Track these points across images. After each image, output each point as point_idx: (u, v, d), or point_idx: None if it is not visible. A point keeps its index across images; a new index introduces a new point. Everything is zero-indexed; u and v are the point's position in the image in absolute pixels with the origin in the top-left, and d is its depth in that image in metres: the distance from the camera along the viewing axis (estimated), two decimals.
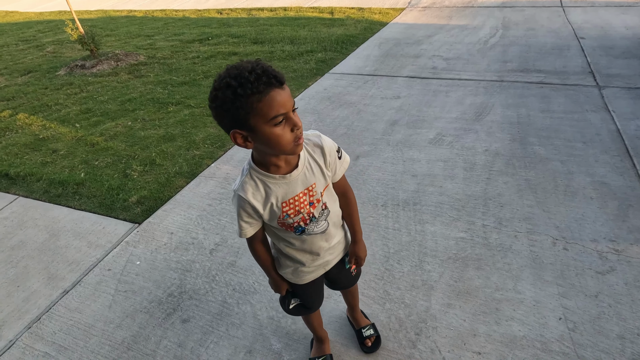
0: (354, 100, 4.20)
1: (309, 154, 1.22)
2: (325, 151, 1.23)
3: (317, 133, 1.25)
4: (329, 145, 1.24)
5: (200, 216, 2.70)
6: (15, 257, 2.55)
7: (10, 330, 2.08)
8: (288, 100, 1.02)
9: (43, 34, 8.70)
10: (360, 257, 1.50)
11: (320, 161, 1.23)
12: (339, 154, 1.28)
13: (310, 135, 1.24)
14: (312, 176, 1.22)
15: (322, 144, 1.23)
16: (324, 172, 1.24)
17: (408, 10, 8.06)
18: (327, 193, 1.29)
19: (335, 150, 1.27)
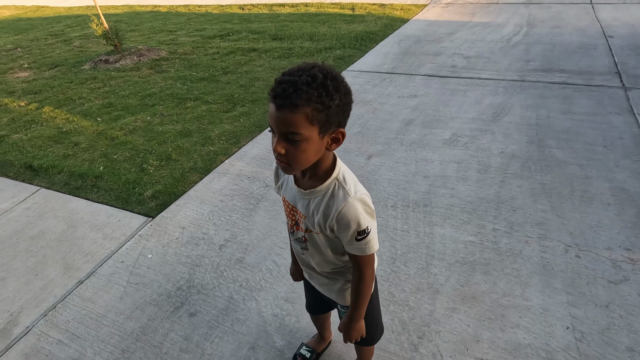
0: (370, 98, 4.17)
1: (326, 198, 1.08)
2: (332, 214, 1.07)
3: (352, 192, 1.06)
4: (345, 216, 1.05)
5: (212, 212, 2.74)
6: (35, 247, 2.65)
7: (27, 317, 2.17)
8: (279, 122, 0.95)
9: (71, 29, 8.95)
10: (345, 334, 1.30)
11: (322, 213, 1.09)
12: (358, 236, 1.07)
13: (347, 186, 1.07)
14: (307, 210, 1.13)
15: (339, 205, 1.05)
16: (318, 222, 1.11)
17: (431, 6, 7.94)
18: (315, 239, 1.18)
19: (355, 229, 1.06)
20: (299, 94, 0.91)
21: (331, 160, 1.09)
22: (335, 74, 0.96)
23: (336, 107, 0.96)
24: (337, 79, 0.96)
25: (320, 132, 0.97)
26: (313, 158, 1.02)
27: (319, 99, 0.92)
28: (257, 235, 2.50)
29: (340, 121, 1.00)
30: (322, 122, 0.96)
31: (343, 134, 1.02)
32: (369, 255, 1.13)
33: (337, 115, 0.98)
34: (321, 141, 0.99)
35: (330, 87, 0.93)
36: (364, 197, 1.07)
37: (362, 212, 1.05)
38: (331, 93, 0.94)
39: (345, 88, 0.98)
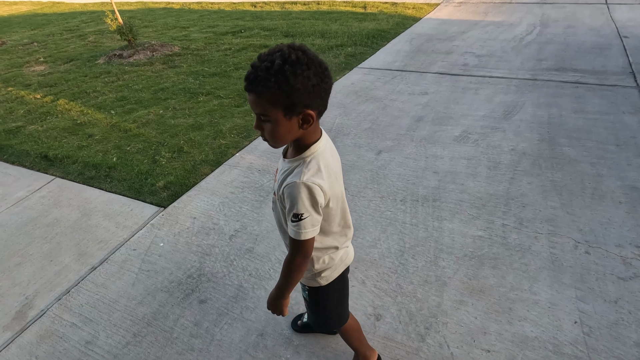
0: (381, 95, 4.18)
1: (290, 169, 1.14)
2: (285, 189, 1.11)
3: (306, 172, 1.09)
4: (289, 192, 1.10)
5: (223, 203, 2.78)
6: (50, 234, 2.70)
7: (42, 300, 2.22)
8: (251, 104, 1.05)
9: (86, 24, 9.08)
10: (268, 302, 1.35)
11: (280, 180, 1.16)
12: (293, 218, 1.11)
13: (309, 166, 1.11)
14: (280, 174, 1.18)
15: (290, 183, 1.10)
16: (277, 185, 1.19)
17: (443, 5, 7.92)
18: (277, 202, 1.23)
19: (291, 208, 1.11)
20: (258, 80, 0.99)
21: (312, 141, 1.13)
22: (297, 58, 0.98)
23: (298, 91, 0.99)
24: (300, 62, 0.98)
25: (286, 114, 1.03)
26: (286, 136, 1.08)
27: (276, 84, 0.97)
28: (267, 227, 2.52)
29: (308, 103, 1.03)
30: (286, 105, 1.01)
31: (311, 115, 1.05)
32: (300, 243, 1.14)
33: (303, 98, 1.01)
34: (289, 121, 1.04)
35: (287, 73, 0.97)
36: (312, 187, 1.08)
37: (304, 198, 1.08)
38: (288, 78, 0.97)
39: (313, 71, 1.00)
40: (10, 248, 2.63)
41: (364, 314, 1.92)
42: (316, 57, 1.03)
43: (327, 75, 1.05)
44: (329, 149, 1.20)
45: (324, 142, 1.16)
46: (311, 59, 1.01)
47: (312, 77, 1.00)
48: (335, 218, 1.23)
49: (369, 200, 2.65)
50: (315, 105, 1.05)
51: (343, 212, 1.26)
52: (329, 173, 1.13)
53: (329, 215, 1.20)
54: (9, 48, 7.63)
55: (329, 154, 1.17)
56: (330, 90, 1.08)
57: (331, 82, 1.08)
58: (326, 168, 1.13)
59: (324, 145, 1.16)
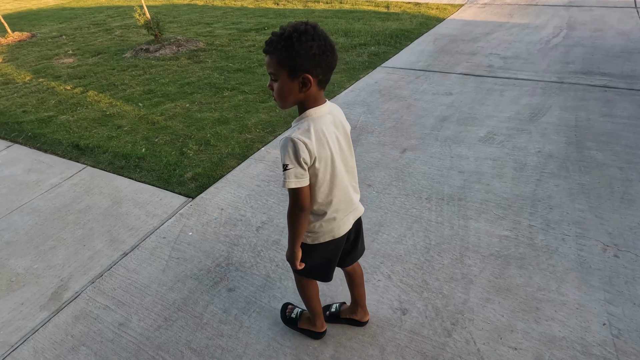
0: (405, 94, 4.19)
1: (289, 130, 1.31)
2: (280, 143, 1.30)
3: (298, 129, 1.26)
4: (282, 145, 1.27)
5: (249, 195, 2.83)
6: (83, 220, 2.79)
7: (76, 283, 2.30)
8: (266, 65, 1.26)
9: (112, 19, 9.26)
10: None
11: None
12: (283, 167, 1.27)
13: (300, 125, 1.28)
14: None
15: (283, 138, 1.28)
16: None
17: (467, 6, 7.86)
18: None
19: (282, 159, 1.27)
20: (271, 44, 1.20)
21: (310, 106, 1.29)
22: (305, 30, 1.17)
23: (300, 56, 1.17)
24: (307, 33, 1.17)
25: (290, 75, 1.21)
26: (289, 96, 1.26)
27: (283, 49, 1.17)
28: None
29: (308, 69, 1.20)
30: (290, 67, 1.19)
31: (309, 79, 1.21)
32: (291, 192, 1.31)
33: (304, 63, 1.18)
34: (292, 83, 1.22)
35: (294, 40, 1.16)
36: (297, 142, 1.23)
37: (290, 151, 1.24)
38: (293, 44, 1.16)
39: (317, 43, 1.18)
40: (45, 232, 2.73)
41: (390, 308, 1.95)
42: (324, 34, 1.20)
43: (329, 51, 1.21)
44: (332, 119, 1.33)
45: (325, 110, 1.31)
46: (318, 34, 1.18)
47: (315, 47, 1.17)
48: (323, 180, 1.34)
49: (394, 197, 2.67)
50: (315, 72, 1.21)
51: (333, 178, 1.36)
52: (318, 136, 1.27)
53: (317, 177, 1.32)
54: (39, 40, 7.83)
55: (328, 121, 1.31)
56: (332, 65, 1.25)
57: (334, 58, 1.24)
58: (316, 131, 1.27)
59: (323, 112, 1.30)
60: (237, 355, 1.83)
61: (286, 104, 1.28)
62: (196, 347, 1.88)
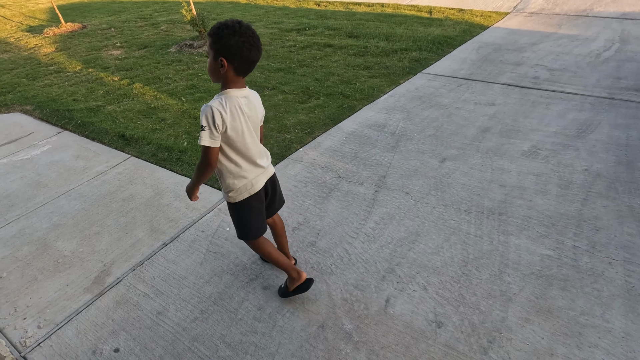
0: (446, 102, 4.13)
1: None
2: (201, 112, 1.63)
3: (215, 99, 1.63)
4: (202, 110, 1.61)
5: (286, 196, 2.86)
6: (126, 208, 2.90)
7: (118, 269, 2.39)
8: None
9: (158, 14, 9.55)
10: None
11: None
12: (201, 128, 1.60)
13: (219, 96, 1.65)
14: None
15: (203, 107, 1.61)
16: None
17: (513, 15, 7.66)
18: None
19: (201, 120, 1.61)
20: (211, 29, 1.58)
21: (226, 87, 1.65)
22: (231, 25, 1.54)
23: (220, 44, 1.56)
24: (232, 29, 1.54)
25: (215, 56, 1.60)
26: (214, 73, 1.65)
27: (213, 35, 1.57)
28: (329, 223, 2.58)
29: (226, 55, 1.57)
30: (215, 50, 1.59)
31: (224, 63, 1.58)
32: (203, 149, 1.64)
33: (222, 50, 1.57)
34: (215, 62, 1.60)
35: (219, 32, 1.55)
36: (214, 110, 1.58)
37: (207, 115, 1.59)
38: (220, 35, 1.55)
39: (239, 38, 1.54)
40: (90, 217, 2.85)
41: (425, 320, 1.93)
42: (249, 32, 1.56)
43: (250, 46, 1.57)
44: (247, 102, 1.68)
45: (242, 93, 1.67)
46: (243, 32, 1.55)
47: (233, 41, 1.54)
48: (234, 147, 1.70)
49: (432, 207, 2.64)
50: (231, 59, 1.58)
51: (245, 148, 1.72)
52: (232, 110, 1.63)
53: (230, 143, 1.68)
54: (89, 32, 8.17)
55: (242, 102, 1.66)
56: (251, 59, 1.61)
57: (254, 53, 1.59)
58: (232, 106, 1.62)
59: (240, 94, 1.66)
60: (270, 353, 1.85)
61: (212, 78, 1.67)
62: (230, 341, 1.92)
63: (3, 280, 2.41)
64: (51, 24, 8.98)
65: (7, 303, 2.25)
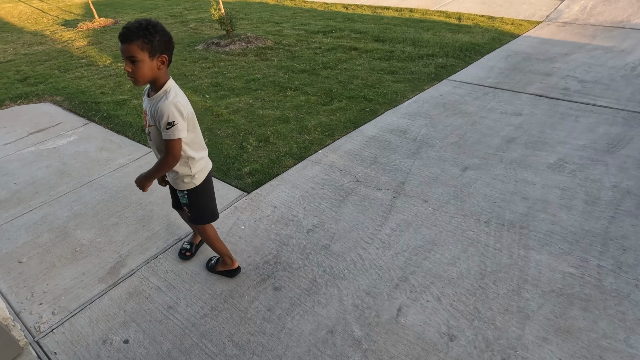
0: (470, 110, 4.05)
1: (159, 100, 1.66)
2: (158, 111, 1.64)
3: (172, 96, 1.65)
4: (162, 108, 1.63)
5: (303, 197, 2.84)
6: (145, 201, 2.93)
7: (133, 261, 2.42)
8: (124, 51, 1.58)
9: (188, 12, 9.72)
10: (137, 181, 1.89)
11: (153, 109, 1.68)
12: (167, 126, 1.64)
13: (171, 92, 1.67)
14: (149, 110, 1.72)
15: (161, 102, 1.64)
16: (152, 115, 1.70)
17: (545, 24, 7.47)
18: (153, 131, 1.76)
19: (166, 119, 1.63)
20: (132, 33, 1.55)
21: (165, 80, 1.70)
22: (155, 23, 1.59)
23: (157, 42, 1.59)
24: (157, 27, 1.59)
25: (150, 56, 1.59)
26: (149, 73, 1.62)
27: (144, 36, 1.56)
28: (344, 227, 2.55)
29: (163, 51, 1.63)
30: (149, 50, 1.58)
31: (166, 58, 1.65)
32: (172, 143, 1.68)
33: (160, 47, 1.61)
34: (152, 62, 1.61)
35: (151, 30, 1.57)
36: (177, 103, 1.64)
37: (173, 110, 1.62)
38: (152, 33, 1.57)
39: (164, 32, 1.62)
40: (110, 208, 2.89)
41: (437, 332, 1.87)
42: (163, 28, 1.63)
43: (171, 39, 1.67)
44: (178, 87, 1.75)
45: (173, 81, 1.73)
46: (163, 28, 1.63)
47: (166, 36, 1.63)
48: (194, 130, 1.80)
49: (450, 217, 2.58)
50: (168, 55, 1.66)
51: (196, 128, 1.82)
52: (184, 97, 1.72)
53: (191, 129, 1.77)
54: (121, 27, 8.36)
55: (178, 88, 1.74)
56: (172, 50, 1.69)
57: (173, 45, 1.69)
58: (182, 95, 1.72)
59: (174, 83, 1.73)
60: (277, 355, 1.83)
61: (145, 80, 1.64)
62: (238, 340, 1.91)
63: (23, 265, 2.47)
64: (85, 18, 9.25)
65: (25, 288, 2.30)
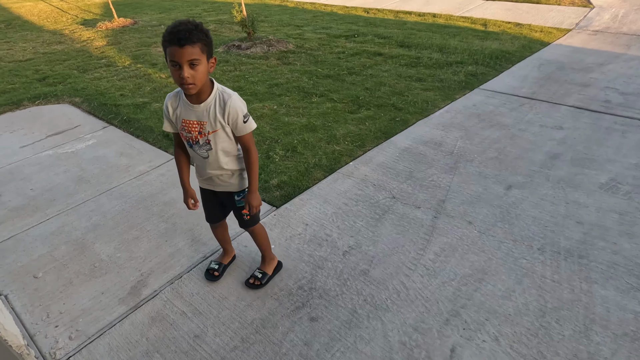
0: (507, 122, 3.82)
1: (217, 103, 1.62)
2: (226, 108, 1.60)
3: (231, 93, 1.62)
4: (234, 106, 1.60)
5: (336, 214, 2.65)
6: (167, 213, 2.76)
7: (156, 280, 2.24)
8: (185, 54, 1.45)
9: (207, 13, 9.61)
10: (252, 205, 1.83)
11: (220, 112, 1.62)
12: (244, 119, 1.63)
13: (227, 91, 1.64)
14: (207, 117, 1.64)
15: (228, 101, 1.60)
16: (218, 120, 1.63)
17: (575, 32, 7.21)
18: (217, 136, 1.67)
19: (241, 114, 1.62)
20: (193, 35, 1.45)
21: (209, 81, 1.63)
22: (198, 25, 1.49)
23: (210, 45, 1.54)
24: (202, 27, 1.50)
25: (207, 59, 1.54)
26: (205, 78, 1.55)
27: (204, 38, 1.49)
28: (383, 249, 2.34)
29: (212, 53, 1.57)
30: (207, 52, 1.53)
31: (215, 59, 1.60)
32: (251, 134, 1.70)
33: (211, 49, 1.56)
34: (207, 65, 1.54)
35: (205, 30, 1.50)
36: (238, 96, 1.65)
37: (240, 105, 1.63)
38: (207, 34, 1.51)
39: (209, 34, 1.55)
40: (130, 220, 2.73)
41: None
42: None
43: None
44: None
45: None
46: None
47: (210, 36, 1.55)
48: None
49: (499, 242, 2.36)
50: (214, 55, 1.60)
51: None
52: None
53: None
54: (140, 28, 8.28)
55: None
56: None
57: None
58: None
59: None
60: None
61: (202, 84, 1.55)
62: None
63: (38, 280, 2.31)
64: (104, 18, 9.18)
65: (41, 307, 2.14)
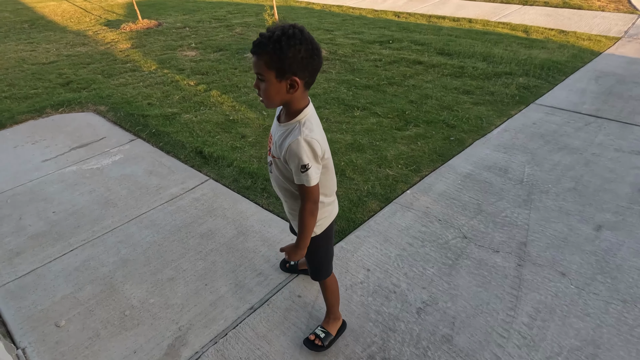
0: (577, 145, 3.41)
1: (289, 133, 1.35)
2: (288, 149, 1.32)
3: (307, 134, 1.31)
4: (293, 149, 1.31)
5: (400, 256, 2.29)
6: (205, 248, 2.43)
7: (196, 338, 1.91)
8: (253, 65, 1.28)
9: (232, 15, 9.33)
10: (289, 254, 1.56)
11: (280, 143, 1.37)
12: (302, 169, 1.33)
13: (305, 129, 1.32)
14: (276, 137, 1.41)
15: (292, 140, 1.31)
16: (277, 148, 1.40)
17: (625, 40, 6.71)
18: (277, 163, 1.44)
19: (299, 162, 1.31)
20: (260, 46, 1.25)
21: (302, 106, 1.36)
22: (293, 33, 1.22)
23: (289, 59, 1.23)
24: (295, 37, 1.22)
25: (277, 76, 1.27)
26: (276, 96, 1.31)
27: (273, 50, 1.23)
28: (465, 307, 1.97)
29: (296, 71, 1.26)
30: (277, 68, 1.25)
31: (297, 82, 1.28)
32: (309, 189, 1.37)
33: (292, 65, 1.25)
34: (279, 84, 1.28)
35: (283, 43, 1.21)
36: (312, 142, 1.31)
37: (307, 151, 1.31)
38: (283, 47, 1.22)
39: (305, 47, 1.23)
40: (163, 255, 2.40)
41: None
42: (310, 38, 1.26)
43: (317, 55, 1.28)
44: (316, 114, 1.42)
45: (312, 108, 1.40)
46: (305, 38, 1.24)
47: (303, 51, 1.24)
48: (331, 170, 1.50)
49: (605, 302, 1.97)
50: (302, 75, 1.28)
51: (332, 165, 1.50)
52: (320, 130, 1.40)
53: (327, 168, 1.46)
54: (165, 30, 8.03)
55: (317, 117, 1.41)
56: (318, 68, 1.31)
57: (320, 61, 1.29)
58: (318, 127, 1.39)
59: (312, 111, 1.40)
60: None
61: (273, 103, 1.34)
62: None
63: (61, 330, 1.99)
64: (128, 19, 8.97)
65: None
